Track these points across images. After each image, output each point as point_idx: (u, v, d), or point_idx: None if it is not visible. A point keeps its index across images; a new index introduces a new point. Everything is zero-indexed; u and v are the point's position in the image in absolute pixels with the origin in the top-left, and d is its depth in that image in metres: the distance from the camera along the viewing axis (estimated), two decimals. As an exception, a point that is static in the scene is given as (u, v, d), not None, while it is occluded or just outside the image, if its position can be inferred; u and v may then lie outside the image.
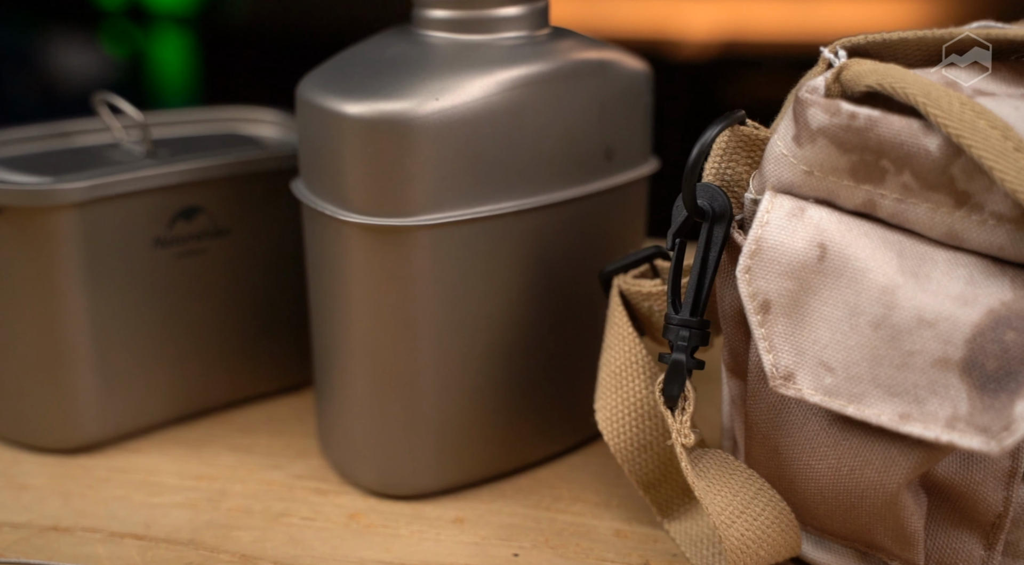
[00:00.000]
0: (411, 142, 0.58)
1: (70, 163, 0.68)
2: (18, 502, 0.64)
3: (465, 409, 0.64)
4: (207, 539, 0.61)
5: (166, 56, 2.36)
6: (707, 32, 1.38)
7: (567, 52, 0.63)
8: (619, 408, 0.60)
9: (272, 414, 0.74)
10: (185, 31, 2.34)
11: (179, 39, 2.35)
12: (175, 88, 2.25)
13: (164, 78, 2.32)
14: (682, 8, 1.42)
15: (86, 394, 0.67)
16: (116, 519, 0.62)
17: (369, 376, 0.62)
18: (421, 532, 0.62)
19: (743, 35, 1.39)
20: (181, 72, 2.32)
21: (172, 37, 2.35)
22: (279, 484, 0.66)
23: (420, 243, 0.60)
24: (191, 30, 2.33)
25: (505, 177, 0.61)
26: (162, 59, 2.36)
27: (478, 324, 0.62)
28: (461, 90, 0.59)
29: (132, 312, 0.67)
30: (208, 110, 0.79)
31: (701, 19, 1.39)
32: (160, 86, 2.29)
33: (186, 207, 0.68)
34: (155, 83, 2.30)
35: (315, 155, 0.61)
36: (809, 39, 1.44)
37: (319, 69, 0.63)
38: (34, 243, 0.64)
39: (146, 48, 2.36)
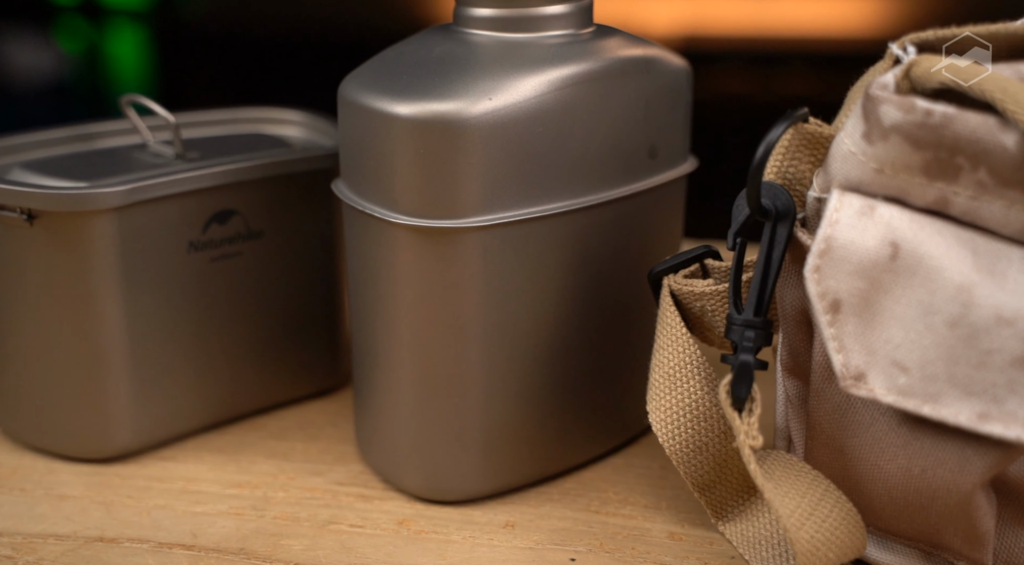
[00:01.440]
0: (464, 142, 0.57)
1: (101, 166, 0.67)
2: (59, 512, 0.62)
3: (513, 412, 0.63)
4: (257, 548, 0.60)
5: (121, 52, 2.33)
6: (668, 29, 1.39)
7: (614, 50, 0.62)
8: (674, 409, 0.59)
9: (305, 419, 0.73)
10: (140, 26, 2.32)
11: (134, 34, 2.32)
12: (130, 84, 2.23)
13: (119, 74, 2.29)
14: (643, 5, 1.42)
15: (121, 402, 0.66)
16: (162, 529, 0.61)
17: (416, 380, 0.62)
18: (473, 538, 0.61)
19: (703, 31, 1.39)
20: (136, 68, 2.29)
21: (127, 32, 2.33)
22: (322, 490, 0.65)
23: (470, 245, 0.59)
24: (146, 25, 2.31)
25: (555, 177, 0.60)
26: (117, 55, 2.33)
27: (526, 326, 0.62)
28: (513, 89, 0.58)
29: (167, 317, 0.66)
30: (231, 111, 0.78)
31: (662, 16, 1.39)
32: (115, 82, 2.27)
33: (220, 210, 0.67)
34: (110, 79, 2.27)
35: (361, 156, 0.60)
36: (769, 35, 1.43)
37: (361, 69, 0.62)
38: (70, 249, 0.63)
39: (100, 44, 2.33)
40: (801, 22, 1.44)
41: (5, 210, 0.62)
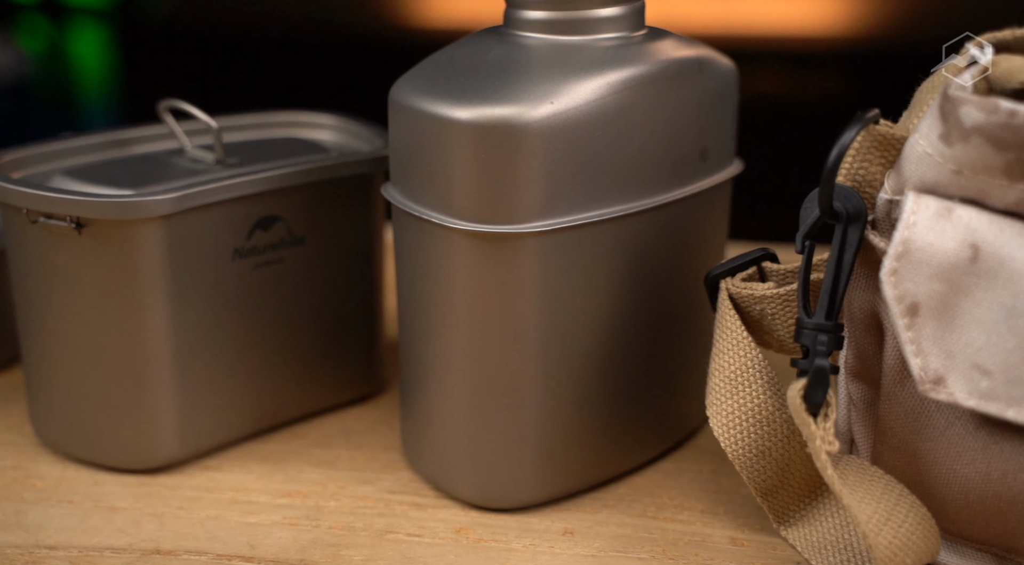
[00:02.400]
0: (525, 147, 0.56)
1: (143, 173, 0.66)
2: (112, 525, 0.61)
3: (568, 418, 0.62)
4: (317, 559, 0.59)
5: (83, 51, 2.32)
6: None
7: (668, 52, 0.61)
8: (736, 414, 0.59)
9: (346, 426, 0.72)
10: (102, 25, 2.30)
11: (96, 33, 2.31)
12: (93, 83, 2.21)
13: (81, 73, 2.27)
14: None
15: (167, 411, 0.65)
16: (218, 540, 0.60)
17: (472, 386, 0.61)
18: (534, 546, 0.60)
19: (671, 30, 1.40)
20: (99, 67, 2.28)
21: (89, 31, 2.31)
22: (374, 499, 0.64)
23: (530, 250, 0.58)
24: (108, 24, 2.29)
25: (613, 181, 0.60)
26: (79, 54, 2.32)
27: (582, 331, 0.61)
28: (573, 93, 0.57)
29: (212, 326, 0.65)
30: (263, 115, 0.77)
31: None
32: (78, 82, 2.25)
33: (264, 216, 0.66)
34: (72, 79, 2.26)
35: (416, 161, 0.59)
36: (737, 34, 1.43)
37: (413, 73, 0.61)
38: (118, 257, 0.62)
39: (62, 43, 2.31)
40: (768, 21, 1.44)
41: (53, 219, 0.61)
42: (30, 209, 0.61)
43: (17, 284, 0.65)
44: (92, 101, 2.16)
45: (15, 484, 0.65)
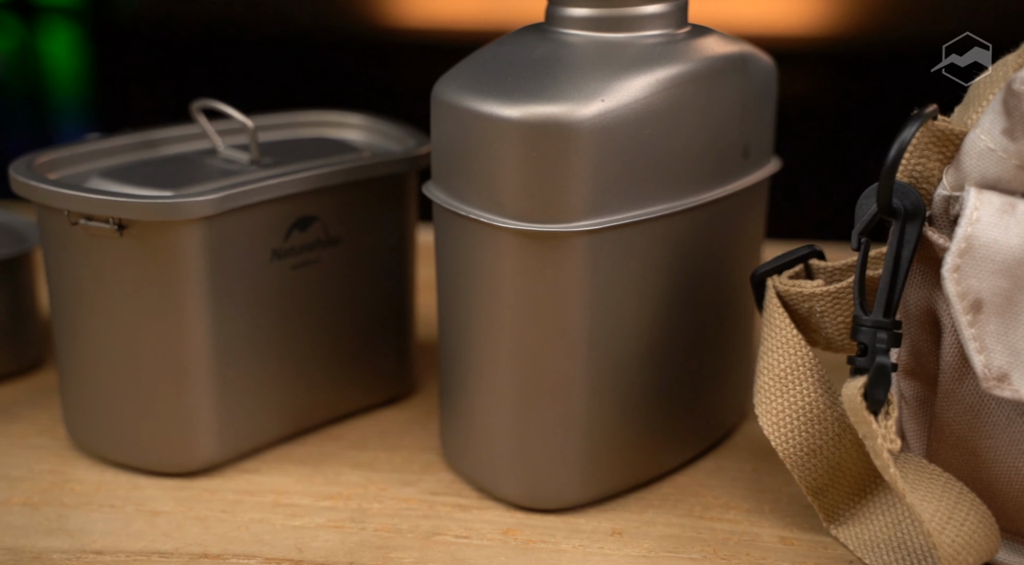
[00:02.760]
0: (575, 145, 0.56)
1: (179, 174, 0.65)
2: (156, 529, 0.61)
3: (614, 417, 0.62)
4: (367, 561, 0.58)
5: (54, 50, 2.30)
6: None
7: (713, 49, 0.61)
8: (786, 412, 0.59)
9: (381, 428, 0.71)
10: (73, 24, 2.28)
11: (67, 32, 2.29)
12: (65, 83, 2.20)
13: (53, 73, 2.26)
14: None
15: (206, 414, 0.64)
16: (265, 544, 0.60)
17: (519, 387, 0.60)
18: (583, 546, 0.60)
19: None
20: (71, 66, 2.26)
21: (60, 30, 2.29)
22: (417, 501, 0.64)
23: (578, 249, 0.58)
24: (79, 23, 2.27)
25: (660, 179, 0.59)
26: (50, 53, 2.30)
27: (629, 330, 0.61)
28: (624, 90, 0.57)
29: (251, 327, 0.65)
30: (291, 114, 0.76)
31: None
32: (49, 81, 2.24)
33: (302, 216, 0.66)
34: (44, 78, 2.24)
35: (462, 159, 0.59)
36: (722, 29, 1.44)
37: (455, 71, 0.61)
38: (159, 259, 0.61)
39: (33, 42, 2.30)
40: (746, 20, 1.44)
41: (94, 221, 0.60)
42: (71, 211, 0.61)
43: (54, 287, 0.64)
44: (64, 100, 2.14)
45: (54, 489, 0.64)
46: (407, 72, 1.49)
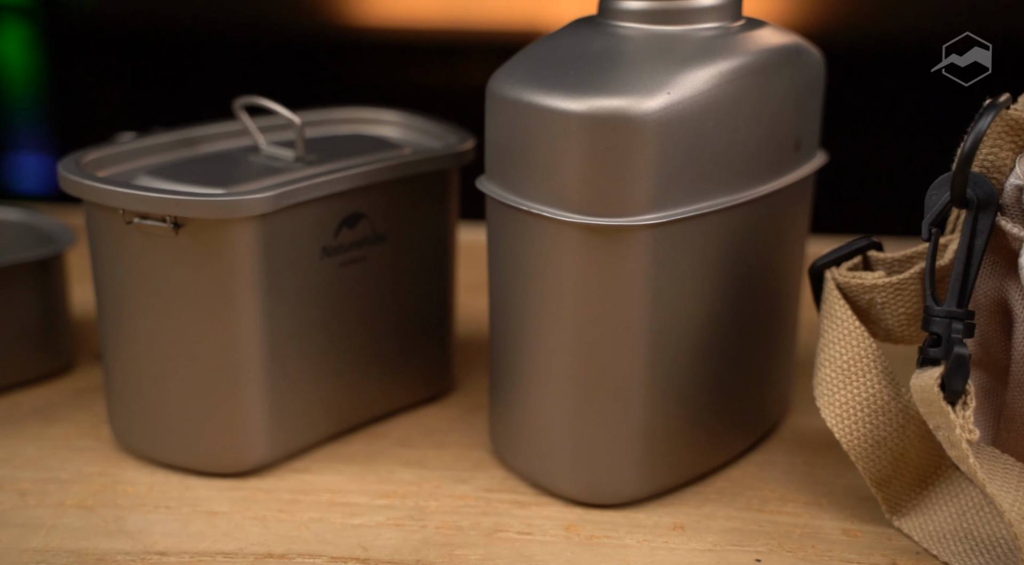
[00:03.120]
0: (641, 138, 0.56)
1: (227, 172, 0.65)
2: (216, 529, 0.60)
3: (673, 411, 0.62)
4: (434, 559, 0.58)
5: (5, 49, 2.28)
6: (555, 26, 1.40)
7: (769, 40, 0.61)
8: (850, 404, 0.59)
9: (426, 426, 0.71)
10: (25, 23, 2.26)
11: (19, 31, 2.27)
12: (17, 83, 2.17)
13: (5, 72, 2.23)
14: (547, 4, 1.42)
15: (258, 413, 0.64)
16: (328, 543, 0.59)
17: (579, 382, 0.60)
18: (648, 541, 0.60)
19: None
20: (23, 66, 2.24)
21: (12, 29, 2.27)
22: (474, 498, 0.63)
23: (641, 242, 0.58)
24: (32, 21, 2.25)
25: (721, 172, 0.59)
26: (2, 53, 2.27)
27: (688, 323, 0.61)
28: (688, 83, 0.57)
29: (301, 325, 0.64)
30: (326, 111, 0.76)
31: (572, 11, 1.40)
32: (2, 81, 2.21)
33: (351, 214, 0.65)
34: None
35: (520, 154, 0.59)
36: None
37: (511, 65, 0.61)
38: (215, 257, 0.60)
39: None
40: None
41: (149, 219, 0.60)
42: (126, 210, 0.60)
43: (103, 286, 0.64)
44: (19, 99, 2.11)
45: (106, 491, 0.63)
46: (366, 71, 1.49)
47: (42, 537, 0.59)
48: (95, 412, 0.71)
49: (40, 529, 0.60)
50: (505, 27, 1.43)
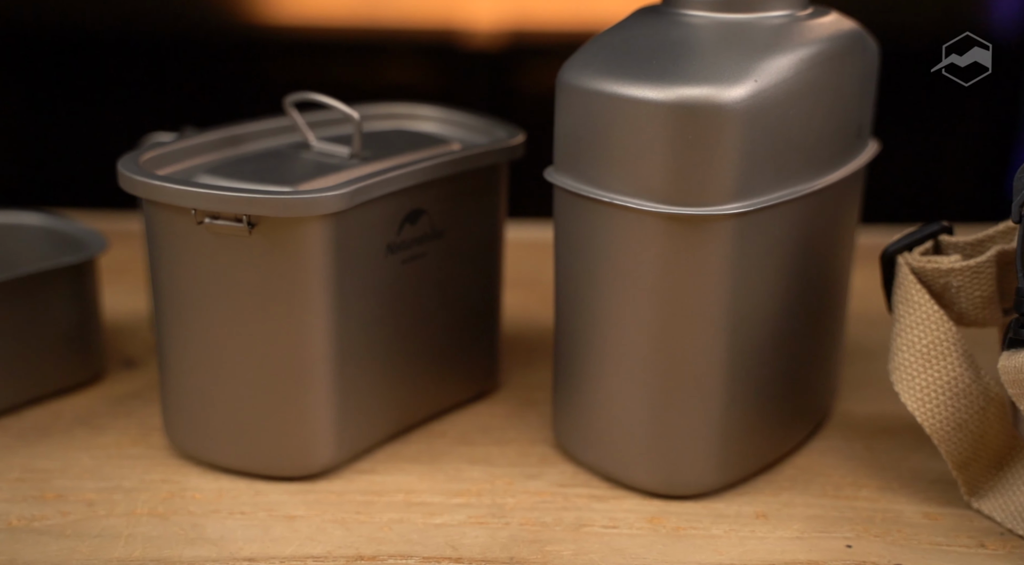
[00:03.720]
0: (729, 126, 0.56)
1: (287, 170, 0.64)
2: (298, 534, 0.59)
3: (749, 400, 0.62)
4: (527, 556, 0.57)
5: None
6: (493, 22, 1.40)
7: (838, 27, 0.62)
8: (932, 388, 0.59)
9: (481, 423, 0.70)
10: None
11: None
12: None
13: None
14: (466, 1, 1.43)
15: (327, 415, 0.63)
16: (416, 543, 0.58)
17: (658, 373, 0.60)
18: (734, 531, 0.60)
19: (528, 25, 1.41)
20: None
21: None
22: (549, 494, 0.63)
23: (724, 232, 0.58)
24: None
25: (799, 160, 0.59)
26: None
27: (765, 312, 0.61)
28: (772, 70, 0.57)
29: (366, 324, 0.63)
30: (363, 107, 0.75)
31: (486, 10, 1.41)
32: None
33: (413, 210, 0.64)
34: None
35: (597, 144, 0.58)
36: (593, 29, 1.46)
37: (584, 56, 0.60)
38: (287, 257, 0.59)
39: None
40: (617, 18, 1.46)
41: (221, 219, 0.58)
42: (198, 209, 0.59)
43: (165, 289, 0.62)
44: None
45: (174, 498, 0.62)
46: (274, 70, 1.48)
47: (122, 547, 0.58)
48: (140, 419, 0.70)
49: (118, 539, 0.58)
50: (419, 26, 1.43)
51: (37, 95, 1.37)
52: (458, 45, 1.41)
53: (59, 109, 1.36)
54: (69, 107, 1.34)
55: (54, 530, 0.59)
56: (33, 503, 0.61)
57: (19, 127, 1.37)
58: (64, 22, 1.40)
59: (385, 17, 1.46)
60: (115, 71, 1.39)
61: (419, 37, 1.45)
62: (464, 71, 1.47)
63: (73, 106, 1.33)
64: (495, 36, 1.39)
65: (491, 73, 1.47)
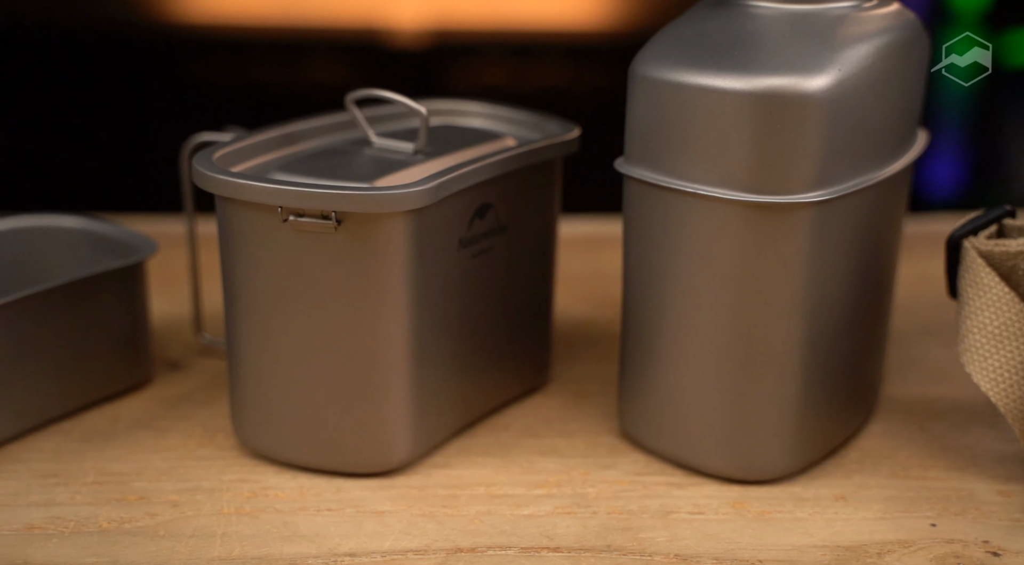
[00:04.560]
0: (813, 115, 0.57)
1: (359, 165, 0.64)
2: (391, 528, 0.59)
3: (823, 385, 0.63)
4: (623, 543, 0.58)
5: None
6: (417, 21, 1.41)
7: (902, 17, 0.63)
8: (1004, 368, 0.61)
9: (540, 416, 0.71)
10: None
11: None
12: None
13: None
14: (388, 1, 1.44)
15: (404, 410, 0.63)
16: (511, 534, 0.59)
17: (737, 360, 0.61)
18: (819, 513, 0.61)
19: (451, 24, 1.43)
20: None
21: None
22: (627, 482, 0.64)
23: (805, 219, 0.59)
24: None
25: (873, 148, 0.61)
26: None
27: (838, 297, 0.62)
28: (852, 59, 0.58)
29: (439, 318, 0.64)
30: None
31: (408, 9, 1.42)
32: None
33: (481, 204, 0.65)
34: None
35: (676, 135, 0.59)
36: (515, 28, 1.47)
37: (657, 48, 0.61)
38: (372, 253, 0.60)
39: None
40: (543, 17, 1.48)
41: (306, 216, 0.59)
42: (284, 207, 0.59)
43: (240, 288, 0.62)
44: None
45: (257, 497, 0.62)
46: (195, 69, 1.48)
47: (219, 546, 0.58)
48: (201, 421, 0.70)
49: (213, 538, 0.58)
50: (342, 25, 1.43)
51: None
52: (381, 44, 1.42)
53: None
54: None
55: (147, 531, 0.59)
56: (118, 506, 0.61)
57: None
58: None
59: (306, 16, 1.46)
60: (28, 71, 1.37)
61: (342, 36, 1.45)
62: (389, 70, 1.48)
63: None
64: (418, 35, 1.40)
65: (416, 72, 1.48)
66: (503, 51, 1.45)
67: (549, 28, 1.47)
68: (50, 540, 0.58)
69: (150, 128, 1.42)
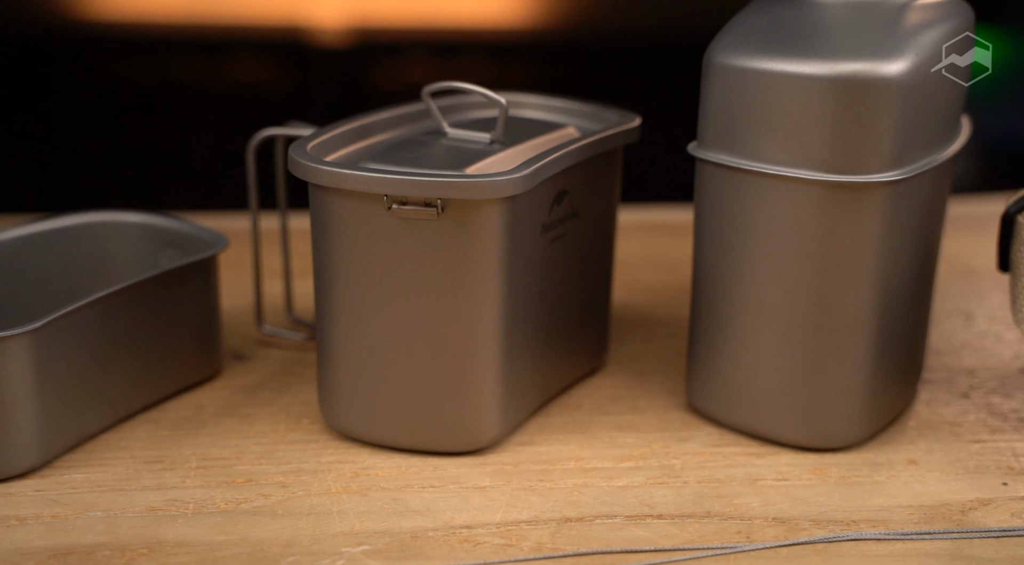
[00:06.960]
0: (891, 98, 0.60)
1: (442, 154, 0.66)
2: (497, 502, 0.62)
3: (891, 355, 0.67)
4: (720, 509, 0.61)
5: None
6: (339, 20, 1.44)
7: (957, 4, 0.67)
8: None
9: (607, 395, 0.74)
10: None
11: None
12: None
13: None
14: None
15: (495, 390, 0.66)
16: (612, 504, 0.62)
17: (815, 334, 0.64)
18: (896, 476, 0.64)
19: (373, 23, 1.45)
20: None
21: None
22: (708, 453, 0.67)
23: (879, 198, 0.62)
24: None
25: (939, 129, 0.65)
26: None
27: (905, 271, 0.66)
28: (924, 45, 0.62)
29: (524, 300, 0.67)
30: (461, 96, 0.77)
31: (330, 8, 1.44)
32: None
33: (559, 191, 0.68)
34: None
35: (755, 119, 0.62)
36: (439, 26, 1.51)
37: (728, 38, 0.64)
38: (470, 239, 0.62)
39: None
40: (467, 16, 1.51)
41: (409, 204, 0.61)
42: (390, 195, 0.61)
43: (338, 275, 0.64)
44: None
45: (360, 477, 0.64)
46: (116, 68, 1.48)
47: (339, 522, 0.60)
48: (283, 407, 0.72)
49: (330, 515, 0.61)
50: (264, 23, 1.45)
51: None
52: (305, 43, 1.43)
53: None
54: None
55: (265, 510, 0.61)
56: (230, 488, 0.63)
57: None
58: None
59: (227, 14, 1.47)
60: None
61: (264, 34, 1.46)
62: (313, 69, 1.49)
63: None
64: (341, 34, 1.42)
65: (341, 71, 1.50)
66: (427, 50, 1.48)
67: (473, 26, 1.50)
68: (175, 521, 0.60)
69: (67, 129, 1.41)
